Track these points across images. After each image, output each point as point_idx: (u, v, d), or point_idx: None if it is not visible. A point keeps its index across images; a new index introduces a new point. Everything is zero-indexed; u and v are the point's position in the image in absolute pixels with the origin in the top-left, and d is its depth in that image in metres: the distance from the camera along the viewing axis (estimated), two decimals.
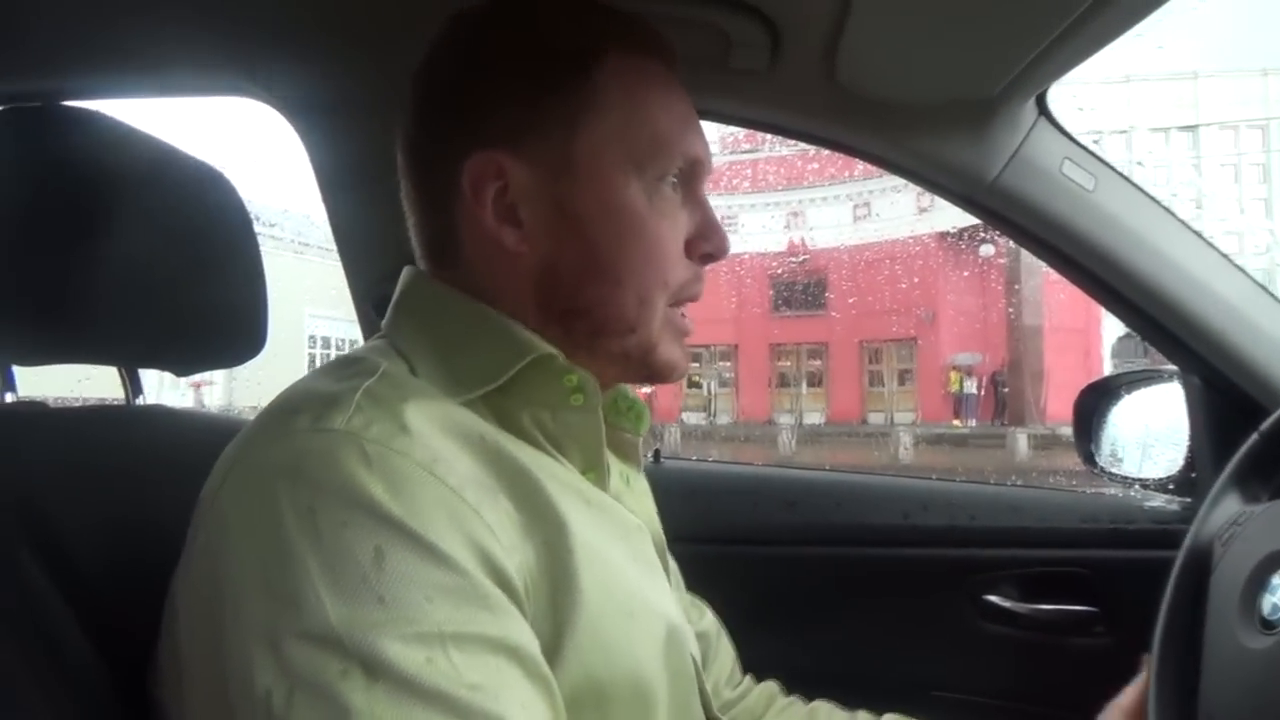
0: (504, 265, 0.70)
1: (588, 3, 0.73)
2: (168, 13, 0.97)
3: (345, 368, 0.67)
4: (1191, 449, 1.25)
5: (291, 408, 0.61)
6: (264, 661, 0.51)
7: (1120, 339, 19.31)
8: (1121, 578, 1.27)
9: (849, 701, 1.01)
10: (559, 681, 0.58)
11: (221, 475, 0.59)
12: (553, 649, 0.60)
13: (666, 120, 0.72)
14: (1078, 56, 0.94)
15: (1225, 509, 0.94)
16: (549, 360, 0.68)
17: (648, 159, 0.70)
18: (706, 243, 0.74)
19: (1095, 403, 1.40)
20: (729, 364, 25.11)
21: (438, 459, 0.58)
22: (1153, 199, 1.12)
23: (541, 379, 0.69)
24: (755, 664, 1.04)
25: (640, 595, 0.69)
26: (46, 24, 1.01)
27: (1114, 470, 1.36)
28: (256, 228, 1.00)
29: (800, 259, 23.35)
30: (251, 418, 0.66)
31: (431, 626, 0.52)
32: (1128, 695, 0.89)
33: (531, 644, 0.57)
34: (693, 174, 0.74)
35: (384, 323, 0.75)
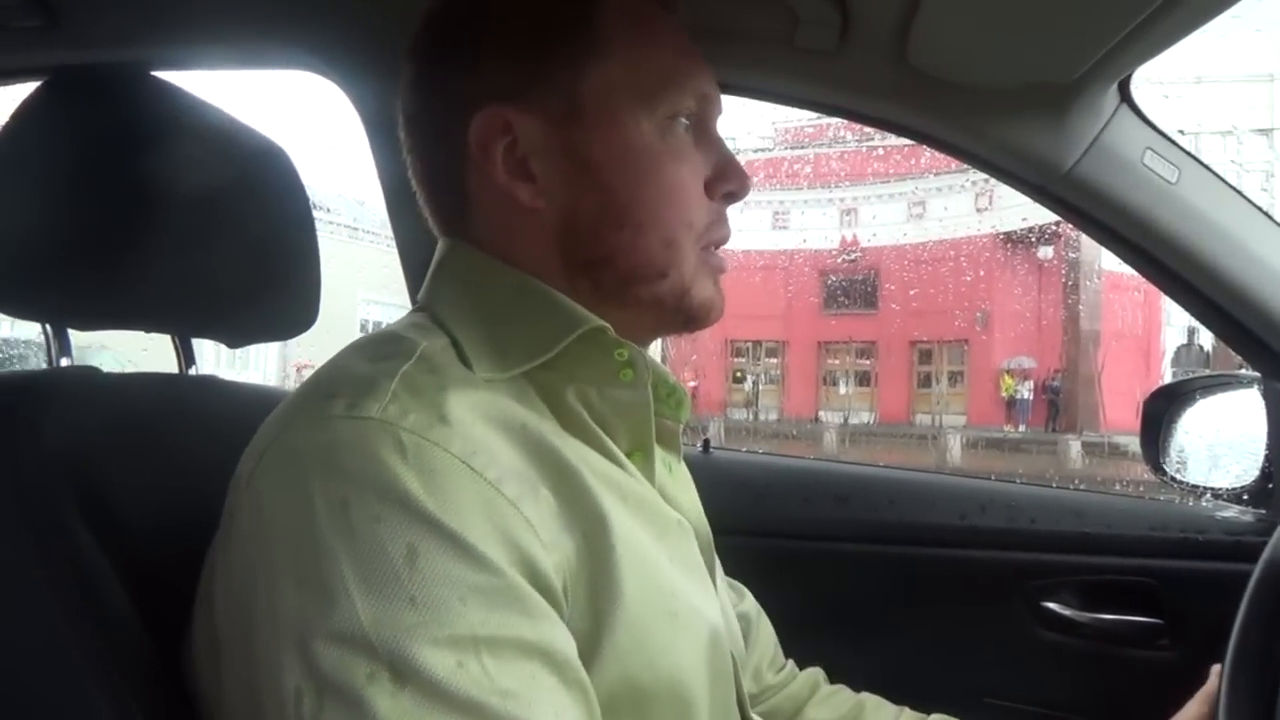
0: (522, 224, 0.68)
1: None
2: None
3: (384, 345, 0.64)
4: (1269, 459, 1.19)
5: (328, 390, 0.59)
6: (293, 659, 0.50)
7: (1180, 347, 18.89)
8: (1190, 589, 1.22)
9: (898, 702, 0.99)
10: (596, 683, 0.56)
11: (256, 457, 0.58)
12: (591, 649, 0.57)
13: (672, 58, 0.70)
14: (1165, 41, 0.89)
15: None
16: (599, 334, 0.66)
17: (657, 98, 0.68)
18: (727, 182, 0.72)
19: (1165, 407, 1.34)
20: (776, 360, 24.99)
21: (476, 450, 0.56)
22: (1240, 194, 1.06)
23: (591, 353, 0.66)
24: (801, 660, 1.02)
25: (683, 595, 0.66)
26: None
27: (1182, 478, 1.31)
28: (314, 213, 1.00)
29: (852, 256, 23.14)
30: None
31: (464, 629, 0.50)
32: (1191, 710, 0.85)
33: (568, 648, 0.55)
34: (704, 113, 0.72)
35: (421, 293, 0.73)
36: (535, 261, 0.68)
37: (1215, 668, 0.89)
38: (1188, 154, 1.06)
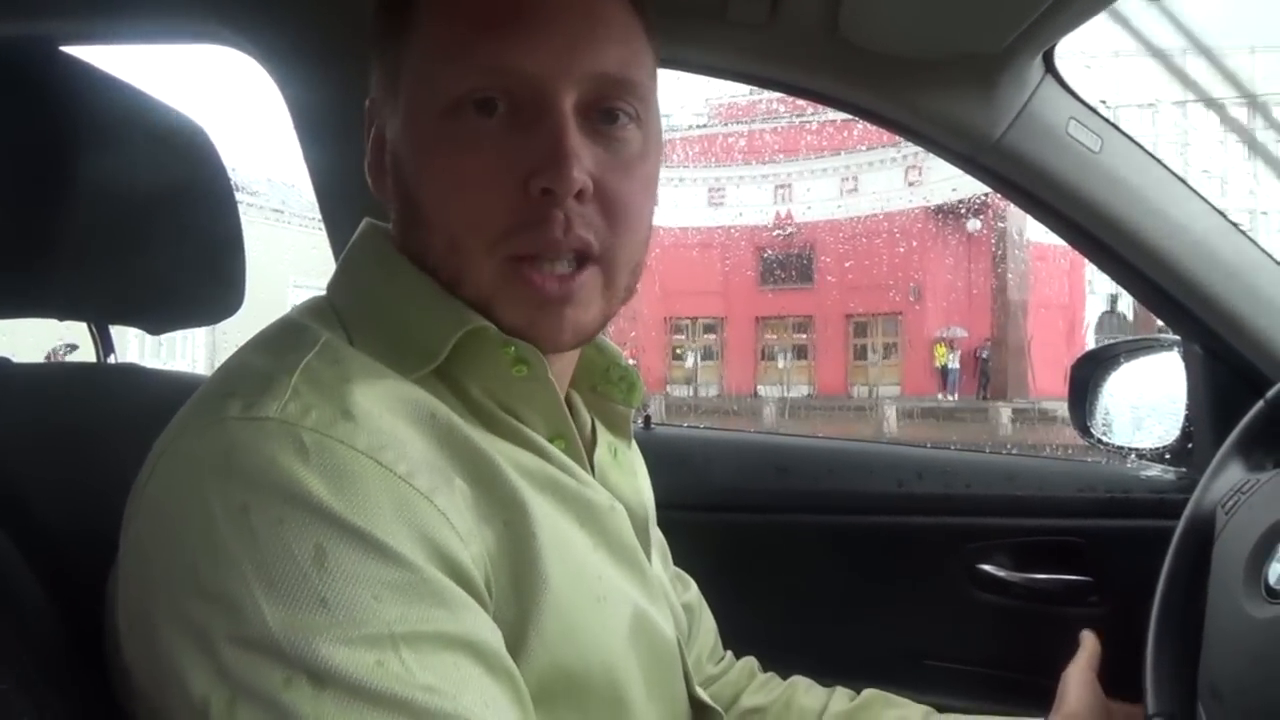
0: (392, 222, 0.68)
1: None
2: None
3: (285, 338, 0.61)
4: (1189, 419, 1.24)
5: (225, 390, 0.56)
6: (200, 667, 0.47)
7: (1103, 314, 19.50)
8: (1117, 547, 1.26)
9: (841, 670, 1.00)
10: (526, 672, 0.55)
11: (152, 463, 0.55)
12: (518, 638, 0.56)
13: (465, 30, 0.60)
14: (1088, 11, 0.91)
15: (1229, 477, 0.93)
16: (483, 332, 0.62)
17: (437, 78, 0.61)
18: (539, 176, 0.59)
19: (1091, 372, 1.38)
20: (715, 336, 25.14)
21: (385, 445, 0.53)
22: (1160, 162, 1.09)
23: (482, 351, 0.62)
24: (746, 632, 1.02)
25: (609, 580, 0.65)
26: None
27: (1107, 439, 1.35)
28: (239, 197, 0.96)
29: (787, 231, 23.34)
30: None
31: (380, 627, 0.48)
32: (1077, 664, 0.89)
33: (492, 637, 0.53)
34: (524, 94, 0.60)
35: (330, 279, 0.70)
36: (411, 259, 0.66)
37: (1086, 633, 0.93)
38: (1110, 124, 1.08)
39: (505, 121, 0.60)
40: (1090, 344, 19.11)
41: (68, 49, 0.87)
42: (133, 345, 0.94)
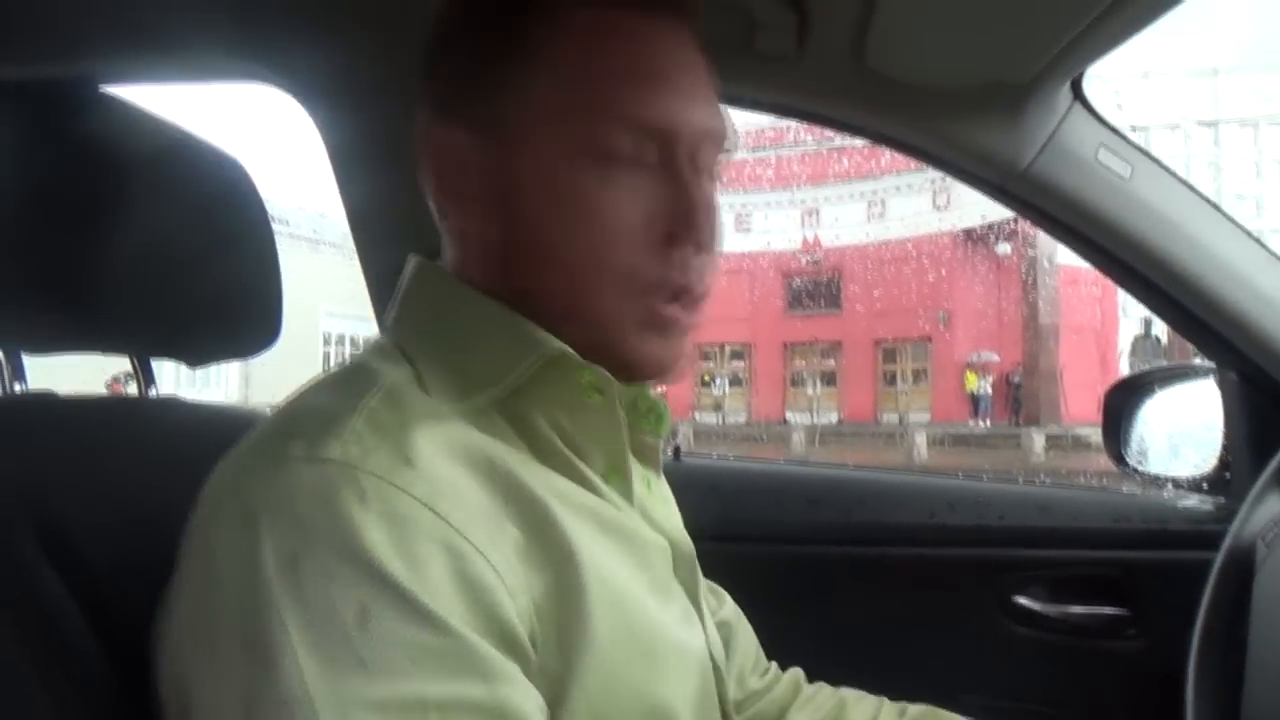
0: (469, 246, 0.67)
1: None
2: None
3: (348, 378, 0.62)
4: (1226, 447, 1.22)
5: (287, 430, 0.56)
6: (232, 717, 0.48)
7: (1137, 338, 19.23)
8: (1155, 579, 1.23)
9: None
10: None
11: (211, 504, 0.56)
12: (559, 690, 0.56)
13: (625, 81, 0.62)
14: (1114, 40, 0.91)
15: (1269, 508, 0.92)
16: (561, 358, 0.62)
17: (599, 127, 0.61)
18: (687, 229, 0.63)
19: (1125, 399, 1.37)
20: (743, 363, 25.08)
21: (441, 493, 0.54)
22: (1191, 188, 1.08)
23: (555, 378, 0.63)
24: (779, 665, 1.02)
25: (663, 629, 0.64)
26: (67, 8, 0.99)
27: (1144, 468, 1.34)
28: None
29: (815, 257, 23.32)
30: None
31: (416, 693, 0.48)
32: None
33: (525, 706, 0.52)
34: (674, 147, 0.63)
35: (388, 316, 0.70)
36: (487, 285, 0.66)
37: None
38: (1140, 150, 1.08)
39: (653, 175, 0.62)
40: (1124, 368, 18.89)
41: (111, 88, 0.90)
42: (168, 371, 0.95)
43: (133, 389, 0.95)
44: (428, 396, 0.61)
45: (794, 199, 23.49)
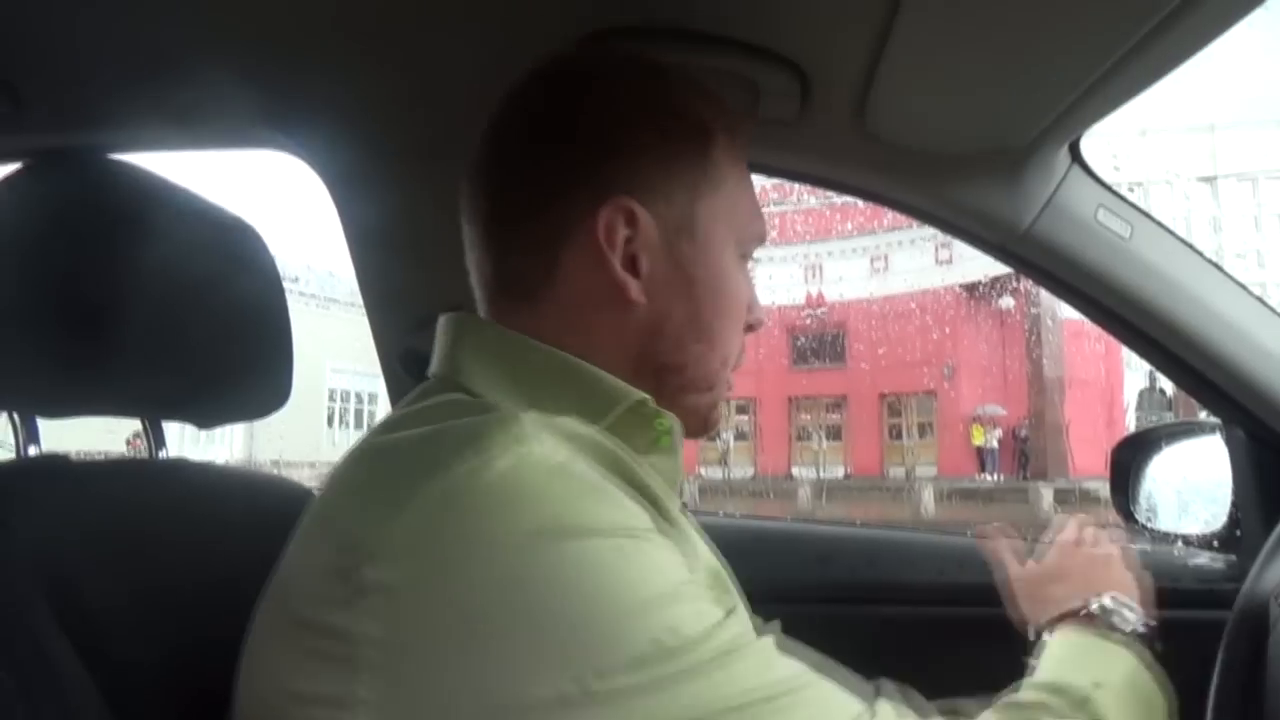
0: (612, 312, 0.70)
1: (702, 85, 0.76)
2: (207, 68, 0.98)
3: (464, 408, 0.63)
4: (1235, 504, 1.21)
5: (450, 448, 0.56)
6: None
7: (1143, 391, 19.17)
8: (1166, 638, 1.22)
9: None
10: None
11: (388, 519, 0.54)
12: None
13: (753, 204, 0.77)
14: (1111, 104, 0.93)
15: None
16: (641, 406, 0.69)
17: (744, 239, 0.76)
18: (753, 314, 0.78)
19: (1133, 456, 1.36)
20: (748, 417, 25.01)
21: (603, 477, 0.59)
22: (1191, 247, 1.10)
23: (634, 423, 0.68)
24: None
25: None
26: (88, 77, 1.02)
27: (1153, 525, 1.33)
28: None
29: (819, 311, 23.40)
30: (276, 472, 0.64)
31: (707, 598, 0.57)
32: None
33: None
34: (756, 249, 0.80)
35: (438, 370, 0.71)
36: (606, 350, 0.70)
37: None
38: (1139, 210, 1.09)
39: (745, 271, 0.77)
40: (1131, 421, 18.80)
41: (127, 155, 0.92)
42: (174, 425, 0.96)
43: (200, 443, 0.96)
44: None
45: (797, 255, 23.65)
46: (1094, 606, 0.83)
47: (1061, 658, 0.82)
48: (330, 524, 0.59)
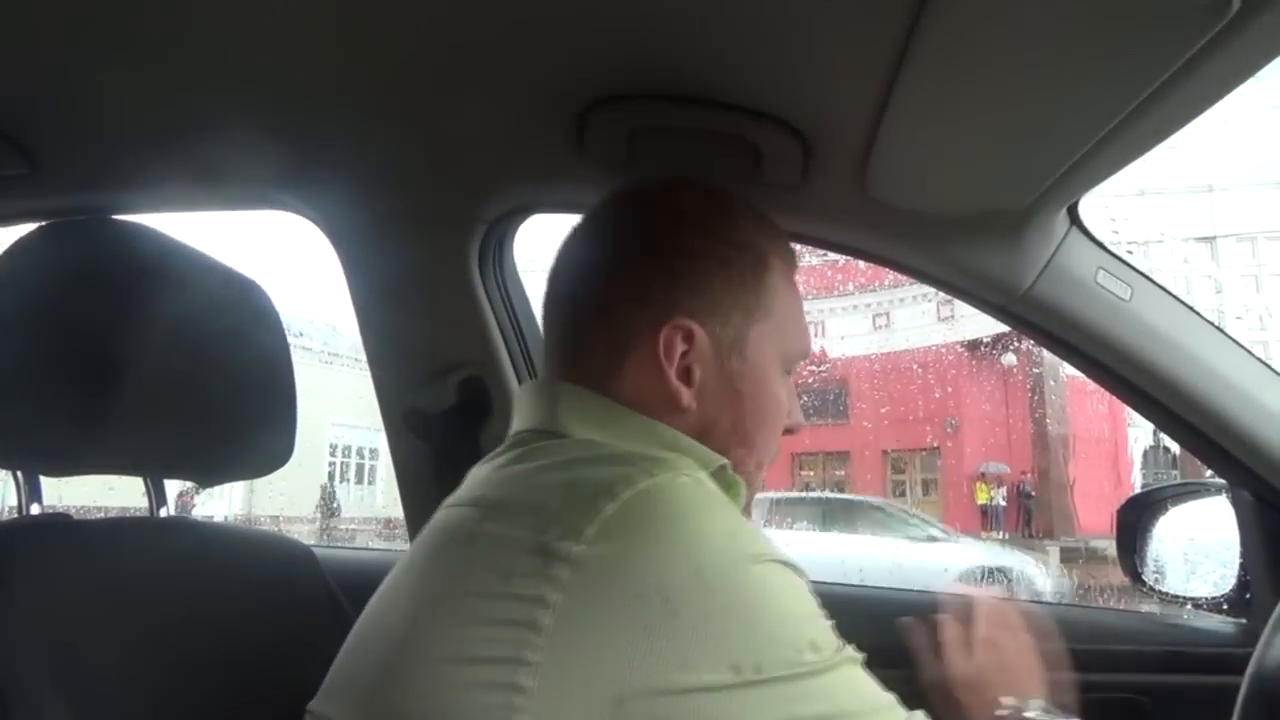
0: (666, 412, 0.77)
1: (761, 214, 0.85)
2: (223, 133, 1.00)
3: (591, 446, 0.73)
4: (1244, 566, 1.20)
5: (625, 468, 0.64)
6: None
7: (1148, 449, 19.05)
8: (1177, 705, 1.20)
9: None
10: None
11: (593, 527, 0.60)
12: None
13: (801, 324, 0.86)
14: (1109, 168, 0.94)
15: None
16: (722, 471, 0.76)
17: (790, 357, 0.84)
18: (791, 419, 0.86)
19: (1139, 516, 1.35)
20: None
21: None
22: (1191, 309, 1.10)
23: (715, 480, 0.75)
24: None
25: None
26: (103, 140, 1.04)
27: (1161, 587, 1.31)
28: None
29: (821, 368, 23.41)
30: (276, 529, 0.64)
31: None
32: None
33: None
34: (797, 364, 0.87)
35: (536, 425, 0.77)
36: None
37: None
38: (1139, 273, 1.10)
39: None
40: (1136, 478, 18.65)
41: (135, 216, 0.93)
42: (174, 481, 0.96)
43: (199, 497, 0.97)
44: None
45: None
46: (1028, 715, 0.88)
47: None
48: (524, 513, 0.64)
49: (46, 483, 0.92)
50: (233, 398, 0.90)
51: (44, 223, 0.89)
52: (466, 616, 0.60)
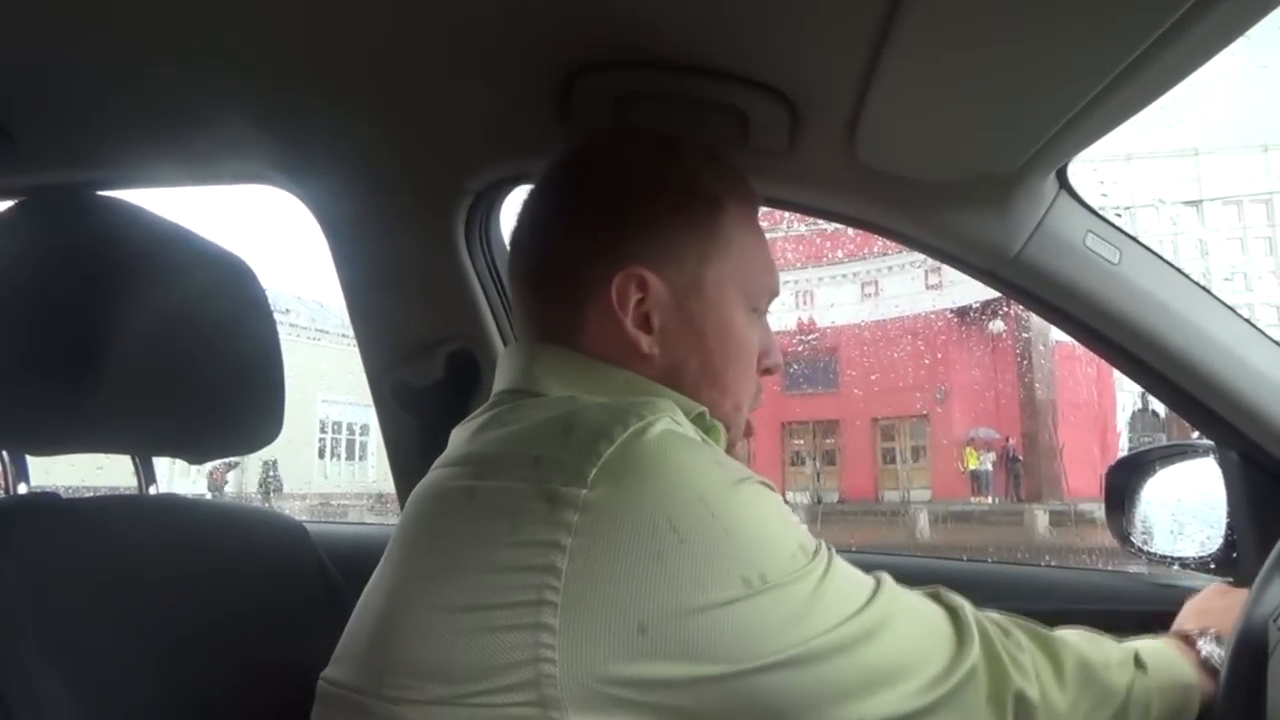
0: (632, 362, 0.79)
1: (715, 155, 0.86)
2: (203, 106, 0.99)
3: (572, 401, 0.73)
4: (1231, 527, 1.21)
5: (619, 409, 0.67)
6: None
7: (1135, 412, 19.20)
8: None
9: None
10: None
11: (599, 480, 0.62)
12: None
13: (763, 262, 0.87)
14: (1098, 131, 0.94)
15: (1277, 590, 0.90)
16: (700, 418, 0.78)
17: (752, 293, 0.85)
18: (769, 359, 0.89)
19: (1127, 478, 1.36)
20: (741, 443, 24.94)
21: None
22: (1179, 270, 1.10)
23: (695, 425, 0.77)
24: None
25: None
26: (84, 115, 1.02)
27: (1149, 548, 1.32)
28: None
29: (811, 337, 23.45)
30: (268, 505, 0.64)
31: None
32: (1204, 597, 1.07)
33: None
34: (771, 301, 0.89)
35: (514, 385, 0.79)
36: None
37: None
38: (1128, 235, 1.10)
39: (759, 322, 0.87)
40: (1124, 442, 18.81)
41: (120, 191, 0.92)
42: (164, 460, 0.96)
43: (231, 475, 0.97)
44: None
45: (788, 282, 23.70)
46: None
47: (1155, 646, 0.94)
48: (522, 465, 0.66)
49: (34, 462, 0.92)
50: (220, 375, 0.90)
51: (21, 199, 0.87)
52: (471, 566, 0.62)
